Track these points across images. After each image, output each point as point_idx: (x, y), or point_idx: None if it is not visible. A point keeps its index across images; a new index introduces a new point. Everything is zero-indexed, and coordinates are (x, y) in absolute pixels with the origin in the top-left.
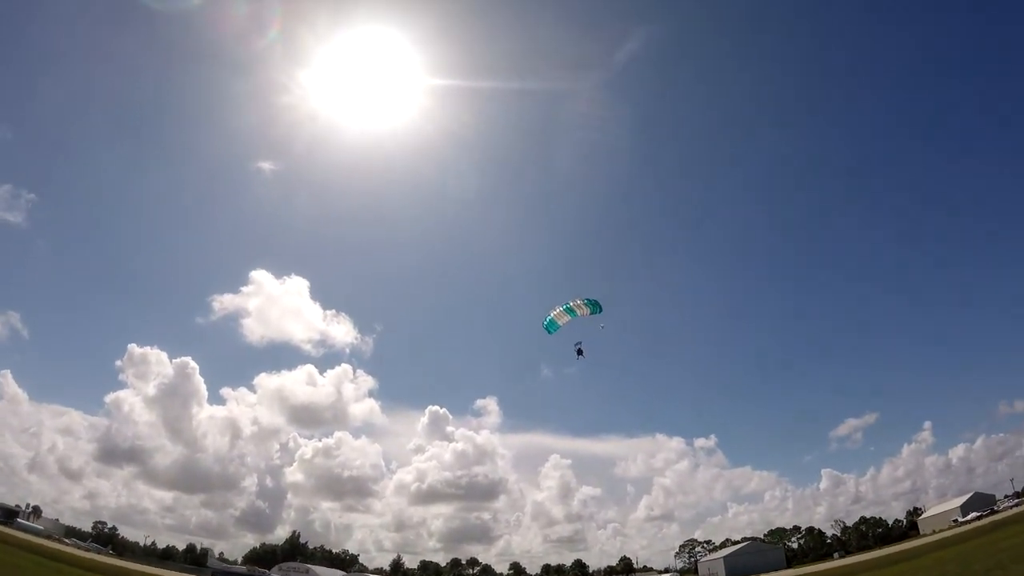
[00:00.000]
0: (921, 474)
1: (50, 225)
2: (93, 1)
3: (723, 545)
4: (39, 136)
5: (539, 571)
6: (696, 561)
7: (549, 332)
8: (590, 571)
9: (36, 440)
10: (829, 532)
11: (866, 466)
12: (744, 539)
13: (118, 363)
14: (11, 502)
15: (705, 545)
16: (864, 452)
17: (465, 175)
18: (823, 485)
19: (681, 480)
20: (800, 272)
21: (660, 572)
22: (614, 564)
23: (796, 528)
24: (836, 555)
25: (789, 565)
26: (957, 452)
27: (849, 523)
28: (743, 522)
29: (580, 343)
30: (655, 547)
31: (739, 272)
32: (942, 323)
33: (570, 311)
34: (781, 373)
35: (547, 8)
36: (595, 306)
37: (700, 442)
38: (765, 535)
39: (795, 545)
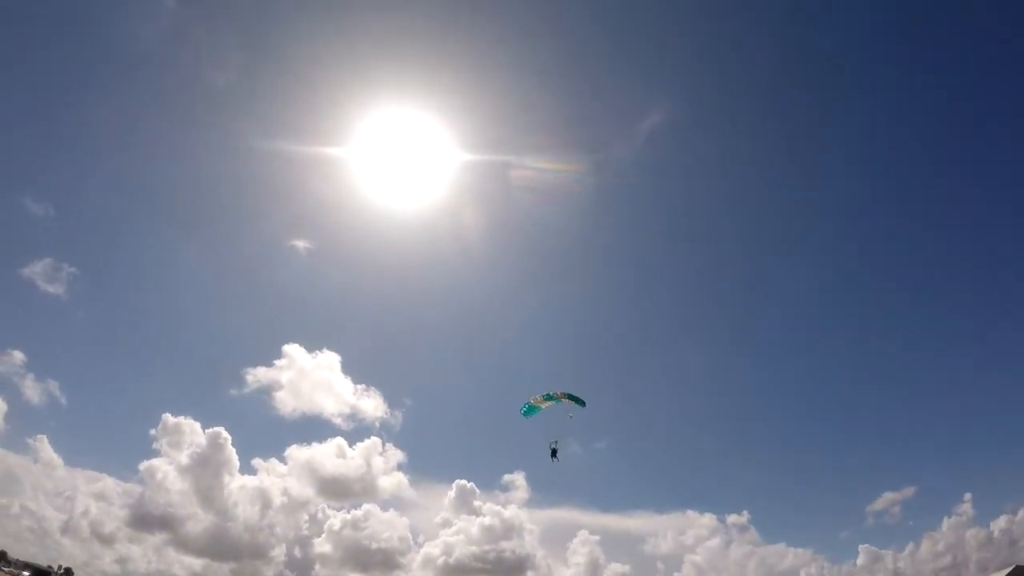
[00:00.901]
0: (962, 548)
1: (90, 298)
2: (137, 84)
3: None
4: (81, 212)
5: None
6: None
7: (525, 416)
8: None
9: (70, 504)
10: None
11: (905, 541)
12: None
13: (152, 432)
14: (44, 563)
15: None
16: (902, 526)
17: (494, 252)
18: (860, 561)
19: (713, 558)
20: (834, 342)
21: None
22: None
23: None
24: None
25: None
26: (999, 524)
27: None
28: None
29: (556, 442)
30: None
31: (770, 343)
32: (981, 391)
33: (550, 398)
34: (815, 446)
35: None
36: (578, 400)
37: (732, 518)
38: None
39: None
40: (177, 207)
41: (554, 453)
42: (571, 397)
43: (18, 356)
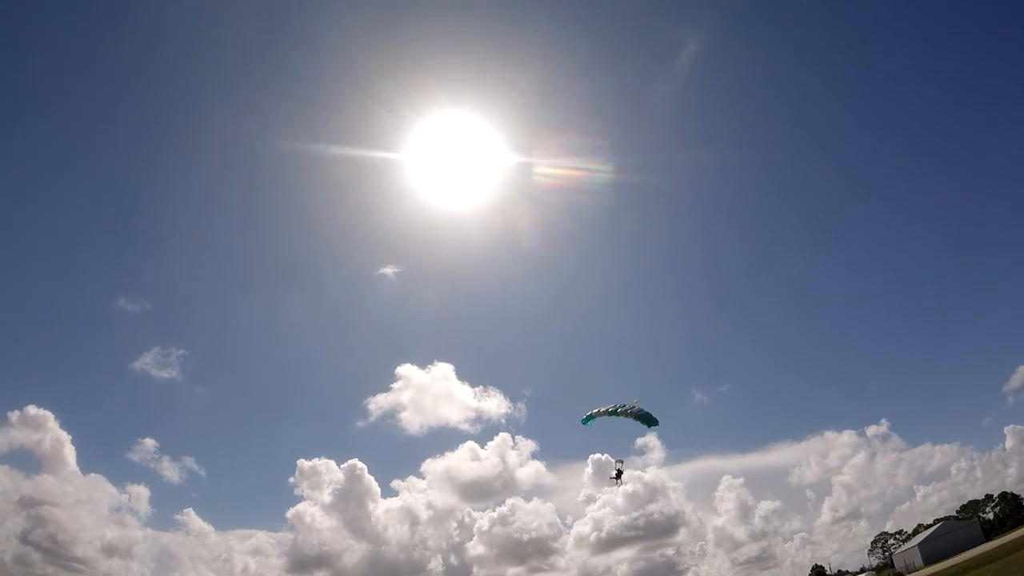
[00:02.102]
0: None
1: (203, 373)
2: (202, 169)
3: (915, 532)
4: (175, 298)
5: None
6: (891, 554)
7: (584, 424)
8: None
9: (228, 565)
10: None
11: None
12: (936, 521)
13: (291, 480)
14: None
15: (897, 536)
16: None
17: (559, 240)
18: (1008, 444)
19: (860, 474)
20: (948, 209)
21: (856, 574)
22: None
23: (988, 497)
24: None
25: (987, 538)
26: None
27: None
28: (933, 503)
29: (622, 463)
30: (847, 549)
31: (880, 232)
32: None
33: (614, 414)
34: (938, 335)
35: None
36: (648, 419)
37: (872, 430)
38: (957, 512)
39: (990, 516)
40: (261, 264)
41: (619, 475)
42: (640, 416)
43: (150, 443)
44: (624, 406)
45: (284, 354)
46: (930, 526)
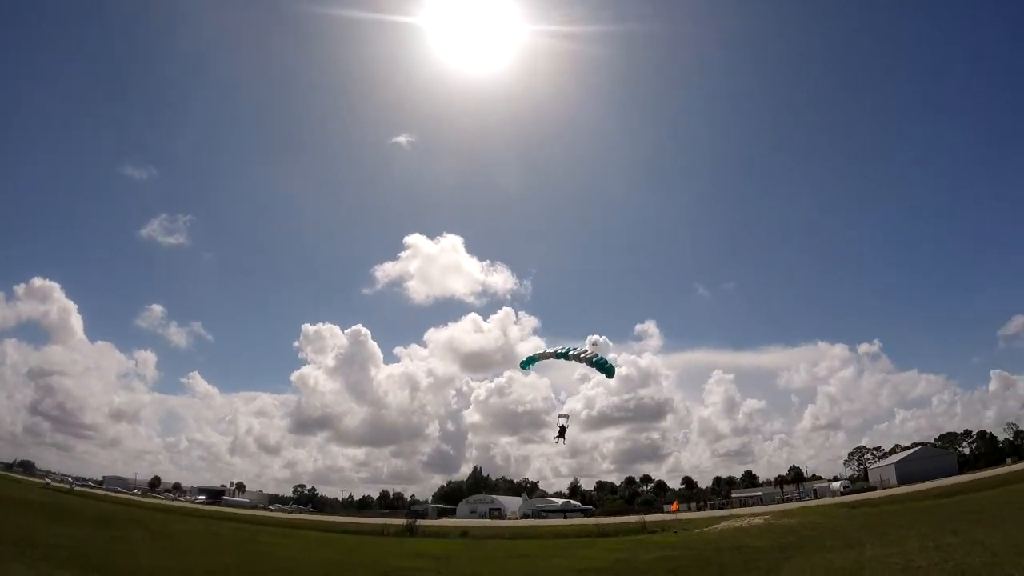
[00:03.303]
0: None
1: (211, 238)
2: (215, 32)
3: (891, 452)
4: (182, 163)
5: (711, 484)
6: (866, 468)
7: (523, 368)
8: (759, 481)
9: (233, 426)
10: (1001, 436)
11: None
12: (914, 444)
13: (295, 344)
14: (217, 484)
15: (874, 452)
16: None
17: (596, 116)
18: (992, 387)
19: (846, 388)
20: (962, 160)
21: (830, 480)
22: (784, 475)
23: (967, 432)
24: (1009, 460)
25: (961, 471)
26: None
27: (1023, 427)
28: (911, 428)
29: (566, 418)
30: (822, 456)
31: (899, 163)
32: None
33: (564, 356)
34: (944, 270)
35: None
36: (605, 369)
37: (864, 347)
38: (935, 440)
39: (966, 451)
40: (271, 129)
41: (562, 432)
42: (596, 365)
43: (157, 309)
44: (575, 350)
45: (292, 220)
46: (907, 448)
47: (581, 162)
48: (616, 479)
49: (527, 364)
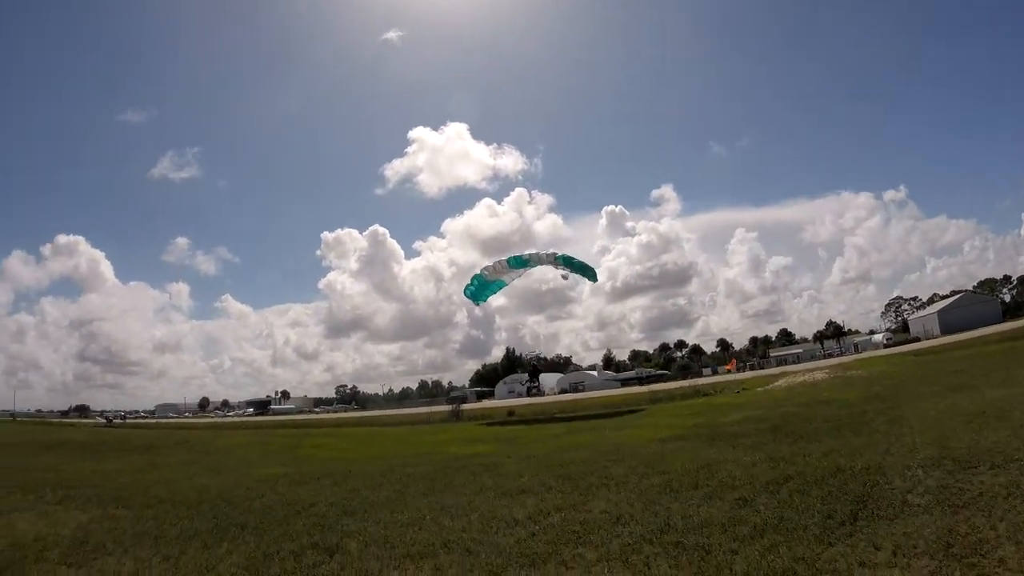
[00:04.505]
0: None
1: (221, 165)
2: None
3: (930, 301)
4: (179, 99)
5: (747, 344)
6: (904, 320)
7: (474, 298)
8: (796, 339)
9: (271, 340)
10: None
11: None
12: (954, 291)
13: (318, 252)
14: (263, 396)
15: (911, 303)
16: None
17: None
18: None
19: (873, 238)
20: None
21: (868, 334)
22: (822, 329)
23: (1007, 278)
24: None
25: (1004, 318)
26: None
27: None
28: (943, 277)
29: (536, 385)
30: (854, 310)
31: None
32: None
33: (522, 264)
34: (969, 108)
35: None
36: (584, 271)
37: (889, 194)
38: (974, 287)
39: (1007, 298)
40: (257, 49)
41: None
42: (566, 261)
43: (182, 242)
44: (532, 256)
45: (295, 134)
46: (945, 297)
47: (579, 29)
48: (648, 347)
49: (479, 295)
